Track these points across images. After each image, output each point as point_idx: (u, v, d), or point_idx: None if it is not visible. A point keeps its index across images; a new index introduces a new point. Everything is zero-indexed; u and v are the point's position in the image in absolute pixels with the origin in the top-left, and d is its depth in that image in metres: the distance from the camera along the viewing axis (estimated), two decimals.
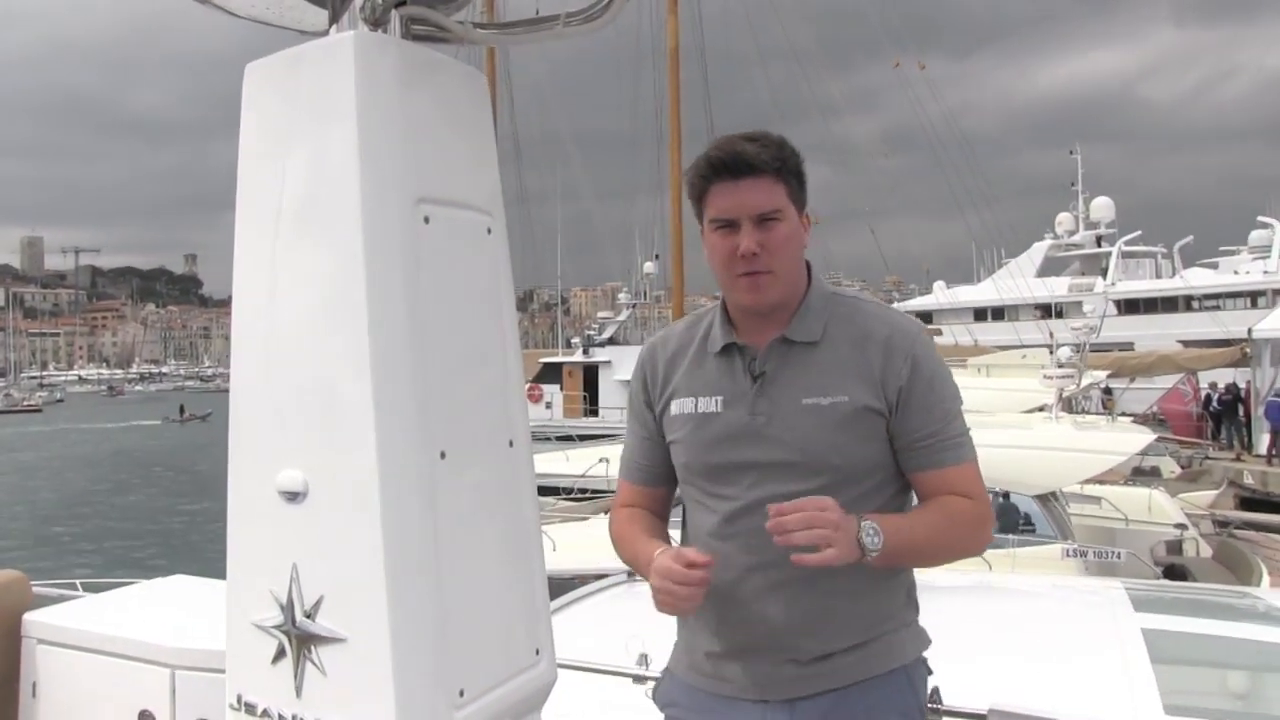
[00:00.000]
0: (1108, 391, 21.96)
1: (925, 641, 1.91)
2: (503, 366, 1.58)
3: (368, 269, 1.35)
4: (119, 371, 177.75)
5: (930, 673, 1.91)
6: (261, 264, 1.45)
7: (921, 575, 1.94)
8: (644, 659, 2.77)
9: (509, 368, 1.60)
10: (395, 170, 1.39)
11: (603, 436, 19.32)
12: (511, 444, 1.59)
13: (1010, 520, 7.42)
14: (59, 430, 59.77)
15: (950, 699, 2.06)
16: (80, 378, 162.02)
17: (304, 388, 1.40)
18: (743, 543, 1.81)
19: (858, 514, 1.68)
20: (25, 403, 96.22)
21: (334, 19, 1.48)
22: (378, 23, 1.44)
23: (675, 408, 1.91)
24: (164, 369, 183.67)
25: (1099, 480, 9.19)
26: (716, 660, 1.87)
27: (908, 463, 1.83)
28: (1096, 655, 3.05)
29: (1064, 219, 43.77)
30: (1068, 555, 6.97)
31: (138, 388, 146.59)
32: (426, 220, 1.43)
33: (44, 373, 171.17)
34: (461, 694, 1.43)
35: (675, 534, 1.95)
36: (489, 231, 1.57)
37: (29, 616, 2.84)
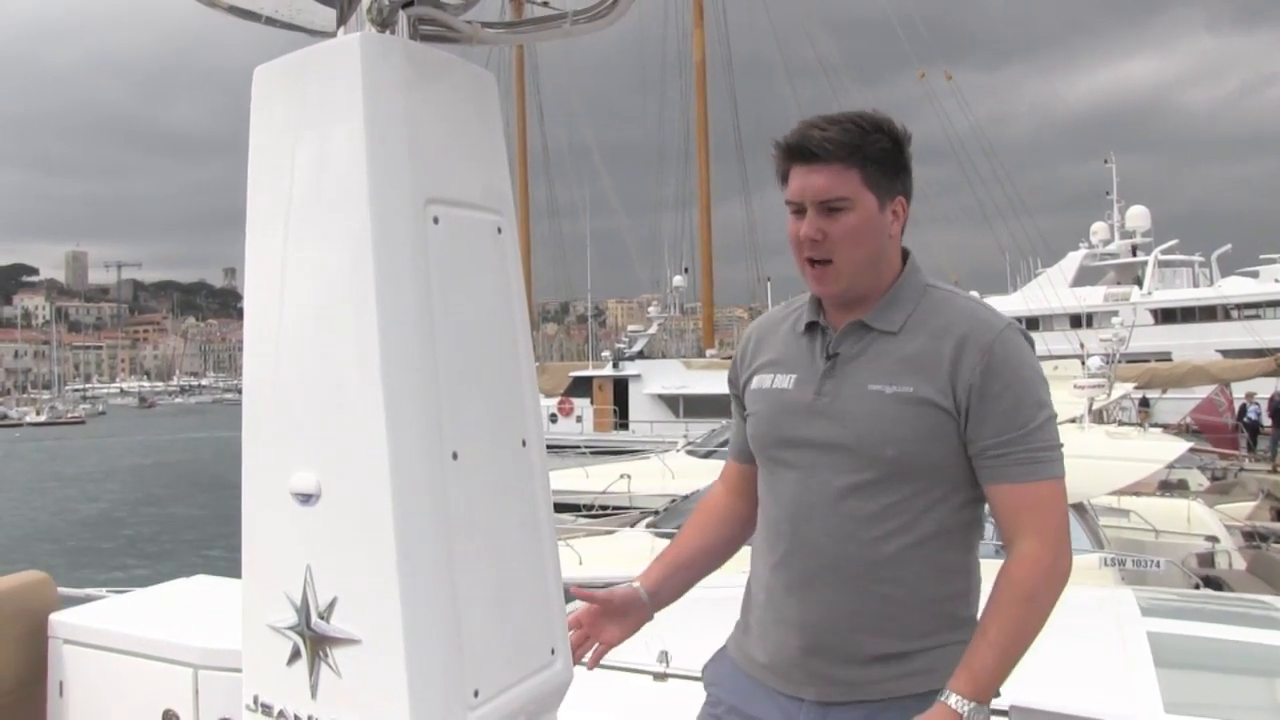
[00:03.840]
0: (1144, 402, 21.66)
1: None
2: (514, 366, 1.58)
3: (377, 271, 1.35)
4: (160, 384, 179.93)
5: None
6: (272, 267, 1.46)
7: None
8: (664, 656, 2.77)
9: (521, 367, 1.60)
10: (404, 171, 1.40)
11: (634, 452, 19.26)
12: (524, 443, 1.58)
13: None
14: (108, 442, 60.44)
15: None
16: (122, 390, 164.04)
17: (315, 390, 1.41)
18: (790, 525, 1.77)
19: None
20: (69, 415, 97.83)
21: (342, 20, 1.49)
22: (385, 24, 1.44)
23: (755, 382, 1.90)
24: (203, 381, 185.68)
25: (1132, 492, 9.06)
26: (760, 645, 1.84)
27: (980, 473, 1.72)
28: (1103, 658, 3.07)
29: (1099, 228, 43.28)
30: (1105, 564, 6.87)
31: (178, 400, 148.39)
32: (436, 221, 1.43)
33: (87, 385, 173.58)
34: (476, 694, 1.43)
35: None
36: (499, 231, 1.57)
37: (55, 617, 2.87)
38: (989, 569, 1.77)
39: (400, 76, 1.41)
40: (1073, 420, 10.69)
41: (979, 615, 1.77)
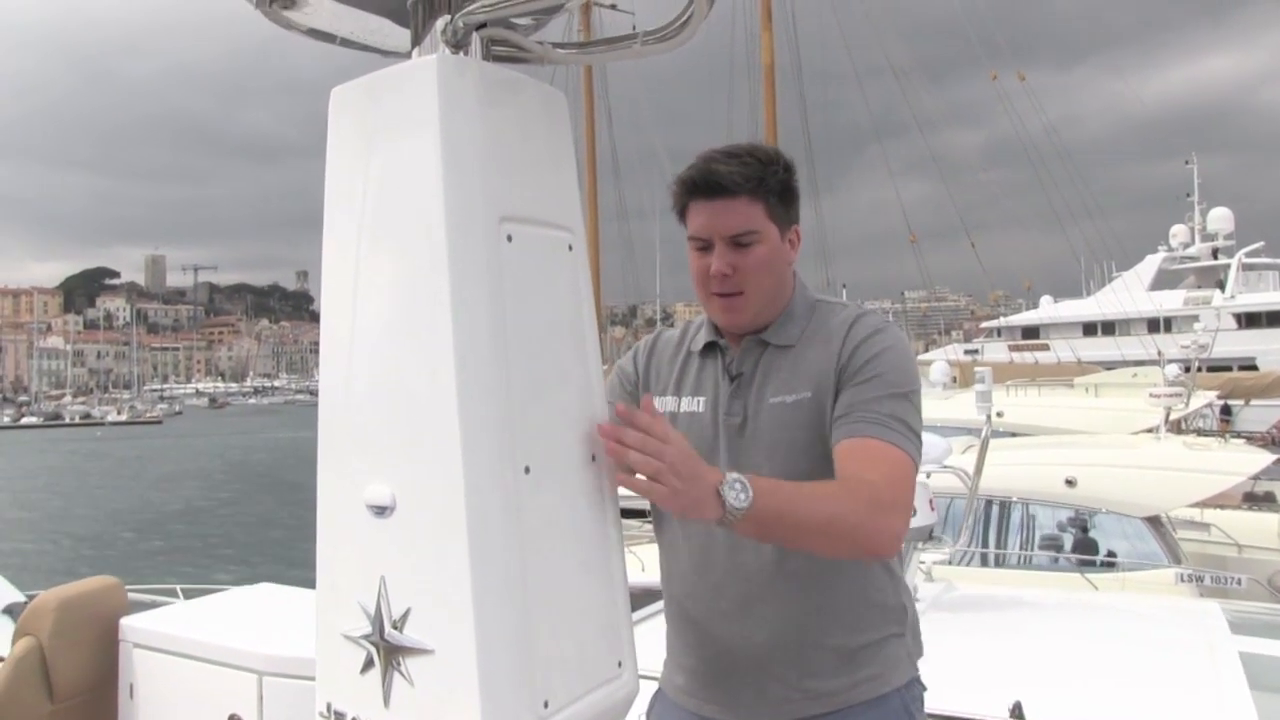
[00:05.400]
0: (1226, 411, 21.01)
1: (916, 664, 1.86)
2: (584, 380, 1.59)
3: (453, 288, 1.37)
4: (234, 385, 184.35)
5: (924, 689, 1.85)
6: (348, 286, 1.49)
7: (1015, 590, 1.91)
8: None
9: (590, 382, 1.61)
10: (479, 191, 1.41)
11: None
12: (594, 458, 1.59)
13: (1089, 549, 7.18)
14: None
15: (1034, 716, 2.00)
16: (197, 391, 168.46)
17: (390, 404, 1.44)
18: (720, 553, 1.80)
19: (732, 469, 1.53)
20: (148, 415, 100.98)
21: (416, 41, 1.51)
22: (459, 45, 1.46)
23: (658, 404, 1.89)
24: (276, 383, 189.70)
25: (1214, 505, 8.80)
26: (701, 681, 1.85)
27: (832, 438, 1.70)
28: (1190, 678, 2.92)
29: (1179, 231, 42.02)
30: (1182, 580, 6.70)
31: (251, 401, 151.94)
32: (510, 239, 1.45)
33: (164, 385, 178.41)
34: (546, 705, 1.44)
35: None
36: (570, 248, 1.58)
37: (125, 621, 2.97)
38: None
39: (474, 97, 1.43)
40: (1148, 430, 10.41)
41: (905, 602, 1.86)
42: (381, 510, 1.42)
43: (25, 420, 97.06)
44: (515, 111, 1.52)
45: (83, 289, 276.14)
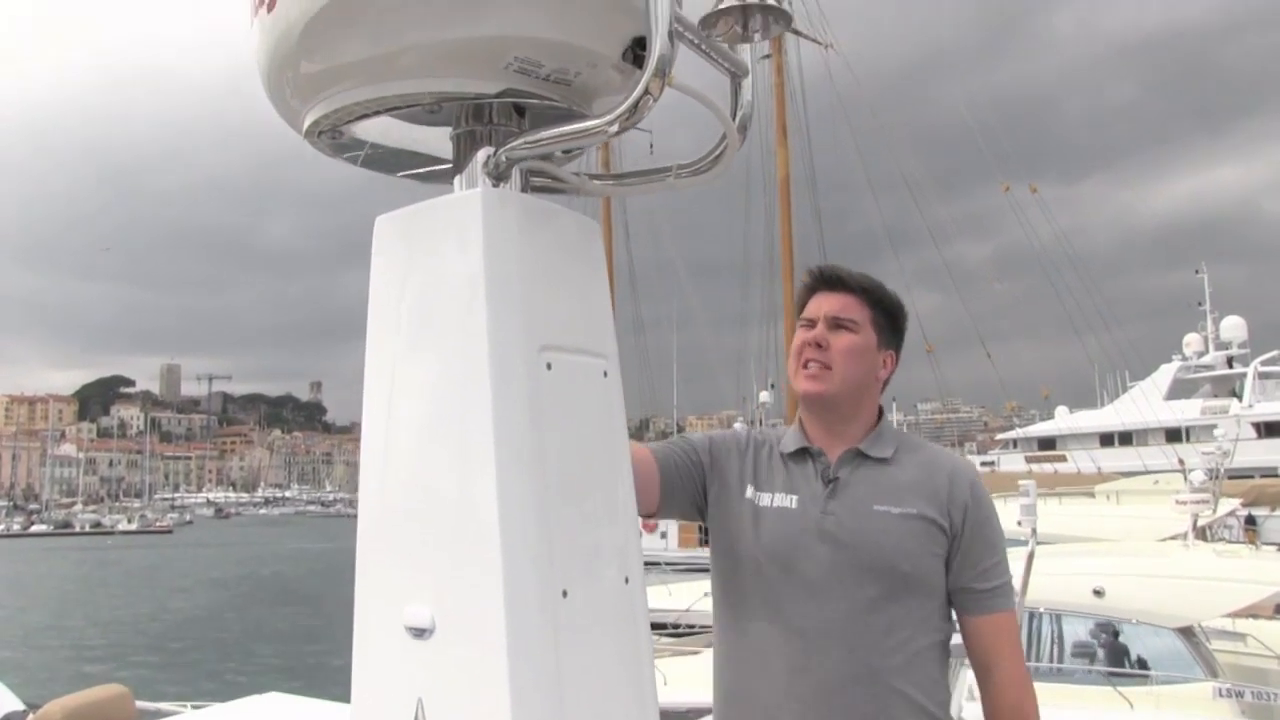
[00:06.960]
0: (1250, 520, 20.67)
1: None
2: (619, 503, 1.61)
3: (495, 418, 1.39)
4: (245, 495, 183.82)
5: None
6: (387, 408, 1.51)
7: (1064, 712, 1.94)
8: None
9: (625, 504, 1.62)
10: (521, 321, 1.45)
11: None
12: (627, 580, 1.60)
13: (1120, 661, 6.99)
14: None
15: None
16: (208, 500, 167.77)
17: (432, 529, 1.45)
18: (805, 640, 1.88)
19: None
20: (158, 524, 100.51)
21: (456, 170, 1.57)
22: (500, 177, 1.52)
23: (749, 493, 2.03)
24: (287, 493, 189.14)
25: (1248, 615, 8.57)
26: None
27: (964, 603, 1.94)
28: None
29: (1192, 340, 42.04)
30: (1221, 695, 6.47)
31: (261, 511, 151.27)
32: (549, 367, 1.48)
33: (175, 494, 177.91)
34: None
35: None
36: (605, 374, 1.61)
37: None
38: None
39: (516, 229, 1.48)
40: (1174, 537, 10.22)
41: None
42: (420, 632, 1.42)
43: (35, 528, 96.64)
44: (554, 242, 1.57)
45: (98, 397, 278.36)
